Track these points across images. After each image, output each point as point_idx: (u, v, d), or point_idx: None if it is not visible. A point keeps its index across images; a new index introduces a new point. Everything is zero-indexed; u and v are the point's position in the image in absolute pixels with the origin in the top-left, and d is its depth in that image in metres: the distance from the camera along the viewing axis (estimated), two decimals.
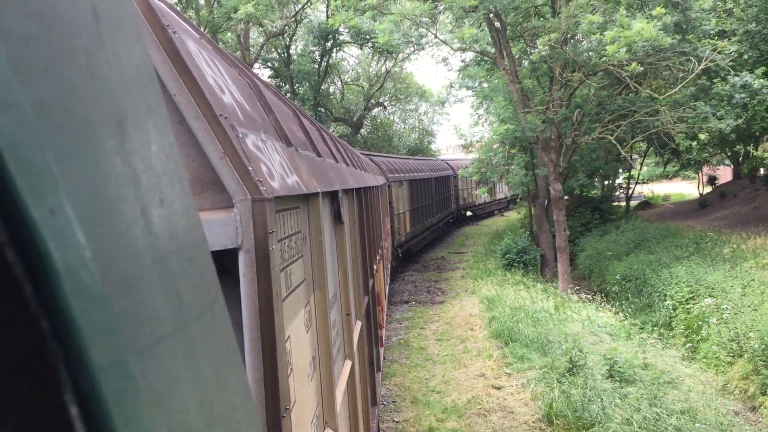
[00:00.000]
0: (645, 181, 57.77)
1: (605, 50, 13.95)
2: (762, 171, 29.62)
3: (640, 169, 36.16)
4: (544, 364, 10.15)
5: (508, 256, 21.39)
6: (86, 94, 0.49)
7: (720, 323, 13.23)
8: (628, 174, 32.46)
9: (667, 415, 8.01)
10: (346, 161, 6.83)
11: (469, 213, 40.35)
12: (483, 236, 31.73)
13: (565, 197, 29.44)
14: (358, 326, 5.52)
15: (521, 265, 20.89)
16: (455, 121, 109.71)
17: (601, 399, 8.21)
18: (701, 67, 15.65)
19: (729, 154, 28.46)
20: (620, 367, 9.48)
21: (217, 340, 0.68)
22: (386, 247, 14.81)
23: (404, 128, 45.48)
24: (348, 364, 4.45)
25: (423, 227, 26.10)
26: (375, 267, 8.93)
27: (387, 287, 14.03)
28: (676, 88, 16.37)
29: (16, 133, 0.40)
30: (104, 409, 0.43)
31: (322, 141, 5.29)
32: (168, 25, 1.82)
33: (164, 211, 0.59)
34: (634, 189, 33.76)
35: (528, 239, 22.67)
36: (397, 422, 8.98)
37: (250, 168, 1.81)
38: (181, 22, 2.36)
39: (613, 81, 17.57)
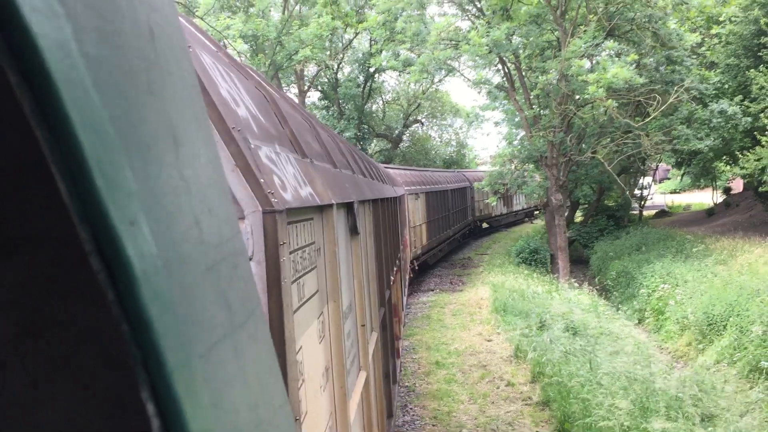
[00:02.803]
0: (678, 191, 60.38)
1: (587, 91, 17.71)
2: None
3: (653, 182, 39.14)
4: (524, 326, 14.00)
5: (521, 255, 25.18)
6: (148, 110, 0.52)
7: (677, 305, 16.72)
8: (641, 185, 35.74)
9: (593, 349, 11.78)
10: (363, 172, 6.90)
11: (485, 225, 40.59)
12: (509, 240, 35.36)
13: (584, 205, 33.12)
14: (373, 337, 5.60)
15: (532, 262, 24.65)
16: (487, 135, 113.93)
17: (551, 341, 12.04)
18: (672, 98, 19.19)
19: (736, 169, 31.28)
20: (575, 325, 13.29)
21: (260, 346, 0.70)
22: (404, 258, 15.18)
23: (440, 142, 49.48)
24: (363, 375, 4.51)
25: (439, 239, 26.51)
26: (392, 278, 9.07)
27: (405, 298, 14.73)
28: (653, 114, 19.91)
29: (101, 151, 0.43)
30: (178, 406, 0.46)
31: (338, 152, 5.37)
32: None
33: (213, 220, 0.62)
34: (646, 199, 36.93)
35: (540, 241, 26.38)
36: (414, 358, 13.05)
37: (262, 180, 1.85)
38: (198, 35, 2.44)
39: (604, 111, 21.23)
